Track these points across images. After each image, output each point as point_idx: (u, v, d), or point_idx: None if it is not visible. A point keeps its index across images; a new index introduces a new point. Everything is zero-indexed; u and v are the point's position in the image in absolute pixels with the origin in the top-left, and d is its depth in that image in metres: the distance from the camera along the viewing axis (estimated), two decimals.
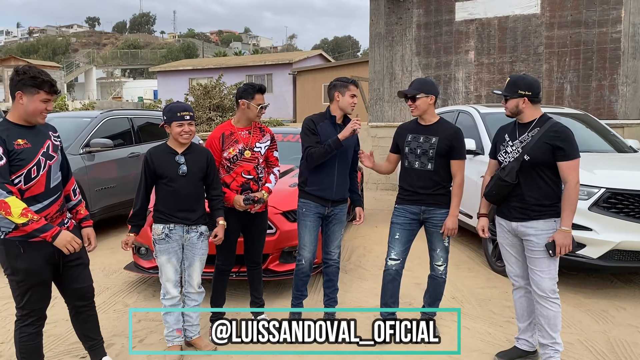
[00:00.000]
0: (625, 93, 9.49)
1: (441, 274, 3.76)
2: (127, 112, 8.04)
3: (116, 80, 49.81)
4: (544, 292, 3.19)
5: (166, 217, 3.42)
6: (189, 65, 32.02)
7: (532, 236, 3.19)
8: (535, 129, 3.20)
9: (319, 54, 33.46)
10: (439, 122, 3.70)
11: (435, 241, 3.71)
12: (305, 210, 3.83)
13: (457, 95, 10.73)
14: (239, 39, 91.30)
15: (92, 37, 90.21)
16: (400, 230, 3.71)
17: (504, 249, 3.46)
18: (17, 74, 2.73)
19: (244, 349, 3.65)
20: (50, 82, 2.77)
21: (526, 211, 3.21)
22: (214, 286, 3.88)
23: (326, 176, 3.77)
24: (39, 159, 2.76)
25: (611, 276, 5.18)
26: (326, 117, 3.82)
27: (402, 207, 3.73)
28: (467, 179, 3.74)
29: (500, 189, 3.28)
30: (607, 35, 9.51)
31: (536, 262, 3.20)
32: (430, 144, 3.59)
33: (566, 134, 3.13)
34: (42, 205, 2.78)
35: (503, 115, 6.40)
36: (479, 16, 10.45)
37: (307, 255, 3.84)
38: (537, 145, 3.15)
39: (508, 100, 3.27)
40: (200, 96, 18.71)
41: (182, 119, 3.35)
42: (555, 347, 3.24)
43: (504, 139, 3.36)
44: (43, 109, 2.76)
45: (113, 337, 3.84)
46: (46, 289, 2.90)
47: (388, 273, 3.74)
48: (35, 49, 68.53)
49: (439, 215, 3.64)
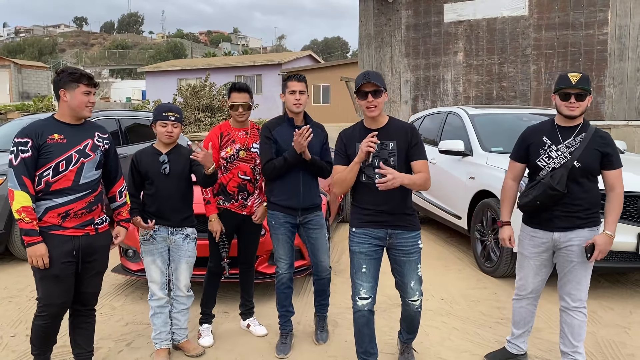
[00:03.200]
0: (612, 94, 9.59)
1: (417, 308, 3.12)
2: (115, 113, 7.98)
3: (104, 81, 49.37)
4: (577, 302, 3.10)
5: (150, 218, 3.40)
6: (177, 66, 31.88)
7: (576, 246, 3.04)
8: (582, 134, 3.04)
9: (308, 55, 33.47)
10: (390, 122, 3.06)
11: (408, 273, 3.04)
12: (274, 223, 3.60)
13: (445, 96, 10.77)
14: (228, 39, 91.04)
15: (80, 37, 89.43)
16: (367, 261, 3.00)
17: (527, 261, 3.23)
18: (57, 75, 2.92)
19: (232, 352, 3.63)
20: (88, 75, 2.93)
21: (572, 219, 3.04)
22: (205, 288, 3.83)
23: (291, 185, 3.54)
24: (70, 154, 2.85)
25: (599, 276, 5.22)
26: (283, 121, 3.62)
27: (363, 232, 3.02)
28: (455, 180, 3.71)
29: (548, 199, 3.02)
30: (594, 37, 9.60)
31: (576, 272, 3.08)
32: (388, 150, 2.97)
33: (612, 140, 3.05)
34: (67, 199, 2.84)
35: (491, 117, 6.41)
36: (467, 18, 10.51)
37: (283, 267, 3.65)
38: (587, 151, 2.99)
39: (585, 98, 3.00)
40: (189, 97, 18.62)
41: (166, 118, 3.37)
42: (576, 356, 3.14)
43: (544, 142, 3.11)
44: (86, 101, 2.90)
45: (100, 340, 3.79)
46: (57, 283, 2.85)
47: (361, 315, 3.02)
48: (21, 49, 67.85)
49: (409, 240, 3.02)
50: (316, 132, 3.56)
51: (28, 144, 2.77)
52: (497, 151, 5.71)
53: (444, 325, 4.07)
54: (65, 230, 2.84)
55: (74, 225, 2.86)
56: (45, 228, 2.81)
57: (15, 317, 4.31)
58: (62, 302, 2.91)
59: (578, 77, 2.97)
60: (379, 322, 3.47)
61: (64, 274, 2.86)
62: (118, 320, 4.22)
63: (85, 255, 2.93)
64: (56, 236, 2.82)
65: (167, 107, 3.43)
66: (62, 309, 2.94)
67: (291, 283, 3.71)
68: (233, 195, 3.70)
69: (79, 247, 2.88)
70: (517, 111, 6.64)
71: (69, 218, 2.85)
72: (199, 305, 3.88)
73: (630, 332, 3.96)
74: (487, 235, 5.39)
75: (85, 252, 2.93)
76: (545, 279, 3.28)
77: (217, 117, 18.16)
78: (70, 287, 2.93)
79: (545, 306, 4.39)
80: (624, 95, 9.52)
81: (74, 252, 2.86)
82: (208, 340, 3.71)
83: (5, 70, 33.94)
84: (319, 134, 3.64)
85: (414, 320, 3.21)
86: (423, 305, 3.49)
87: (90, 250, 2.94)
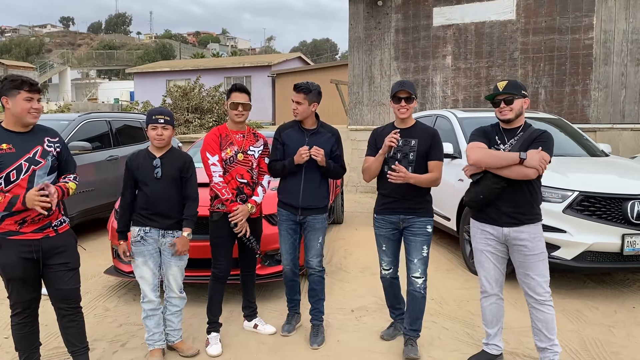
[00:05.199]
0: (597, 98, 9.76)
1: (419, 287, 3.54)
2: (106, 115, 7.96)
3: (91, 82, 49.02)
4: (541, 295, 3.22)
5: (141, 220, 3.45)
6: (166, 67, 31.72)
7: (527, 240, 3.20)
8: (520, 134, 3.26)
9: (298, 57, 33.46)
10: (416, 125, 3.60)
11: (413, 251, 3.53)
12: (279, 219, 3.89)
13: (434, 99, 10.88)
14: (216, 40, 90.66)
15: (67, 37, 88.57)
16: (386, 241, 3.66)
17: (483, 256, 3.40)
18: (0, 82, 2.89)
19: (228, 352, 3.68)
20: (30, 82, 2.91)
21: (519, 216, 3.22)
22: (211, 295, 3.79)
23: (292, 184, 3.78)
24: (20, 163, 2.86)
25: (584, 277, 5.33)
26: (295, 124, 3.86)
27: (382, 217, 3.64)
28: (445, 182, 3.81)
29: (490, 193, 3.23)
30: (580, 41, 9.76)
31: (532, 266, 3.21)
32: (410, 147, 3.50)
33: (546, 137, 3.20)
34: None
35: (479, 120, 6.53)
36: (456, 22, 10.63)
37: (286, 262, 3.90)
38: (522, 148, 3.18)
39: (513, 101, 3.22)
40: (179, 98, 18.55)
41: (155, 121, 3.39)
42: (554, 349, 3.27)
43: (496, 140, 3.33)
44: (29, 107, 2.88)
45: (94, 341, 3.81)
46: (24, 285, 2.99)
47: (384, 280, 3.78)
48: (7, 49, 66.98)
49: (418, 224, 3.52)
50: (326, 137, 3.82)
51: None
52: None
53: (434, 325, 4.14)
54: (23, 235, 2.89)
55: (32, 230, 2.91)
56: (3, 234, 2.87)
57: (8, 319, 4.28)
58: (31, 297, 3.06)
59: (504, 84, 3.26)
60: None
61: (27, 275, 2.96)
62: (111, 322, 4.25)
63: (48, 256, 2.97)
64: (15, 241, 2.88)
65: (157, 111, 3.47)
66: (32, 303, 3.09)
67: (295, 276, 3.97)
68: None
69: (40, 249, 2.93)
70: None
71: (26, 224, 2.89)
72: (205, 313, 3.84)
73: (615, 331, 4.06)
74: None
75: (48, 254, 2.97)
76: (504, 272, 3.40)
77: (207, 118, 18.10)
78: (37, 285, 3.06)
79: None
80: (609, 99, 9.69)
81: (34, 254, 2.91)
82: (216, 349, 3.67)
83: None
84: (328, 139, 3.82)
85: (416, 306, 3.59)
86: None
87: (54, 251, 2.98)
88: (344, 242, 6.76)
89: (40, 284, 3.09)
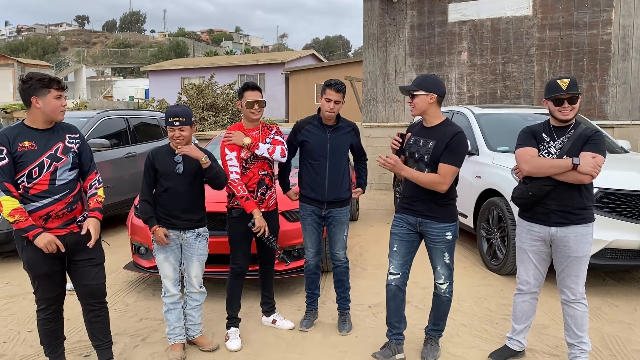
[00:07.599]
0: (615, 94, 9.64)
1: (444, 292, 3.44)
2: (123, 112, 8.06)
3: (106, 80, 49.50)
4: (575, 295, 3.21)
5: (164, 217, 3.46)
6: (180, 65, 31.93)
7: (572, 242, 3.14)
8: (571, 132, 3.20)
9: (311, 54, 33.48)
10: (442, 124, 3.29)
11: (435, 258, 3.39)
12: (303, 214, 3.93)
13: (450, 95, 10.83)
14: (229, 38, 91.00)
15: (82, 35, 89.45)
16: (398, 242, 3.42)
17: (525, 255, 3.34)
18: (24, 82, 2.91)
19: (247, 347, 3.71)
20: (57, 80, 2.96)
21: (569, 215, 3.14)
22: (229, 291, 3.81)
23: (317, 178, 3.81)
24: (42, 160, 2.90)
25: (603, 274, 5.28)
26: (315, 119, 3.90)
27: (401, 217, 3.45)
28: (462, 178, 3.77)
29: (540, 190, 3.15)
30: (598, 37, 9.65)
31: (572, 267, 3.17)
32: (427, 148, 3.25)
33: (598, 136, 3.14)
34: (45, 202, 2.91)
35: (497, 116, 6.46)
36: (471, 17, 10.56)
37: (310, 256, 3.99)
38: (574, 146, 3.12)
39: (577, 101, 3.16)
40: (194, 95, 18.67)
41: (172, 124, 3.38)
42: (582, 346, 3.25)
43: (543, 138, 3.26)
44: (59, 105, 2.94)
45: (115, 335, 3.84)
46: (50, 281, 3.03)
47: (389, 289, 3.46)
48: (24, 48, 67.83)
49: (435, 230, 3.31)
50: (346, 132, 3.91)
51: (3, 152, 2.82)
52: (502, 150, 5.78)
53: (452, 322, 4.13)
54: (48, 230, 2.91)
55: (57, 225, 2.95)
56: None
57: (31, 313, 4.37)
58: (57, 294, 3.11)
59: (567, 83, 3.12)
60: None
61: (52, 270, 3.00)
62: (132, 316, 4.30)
63: (73, 251, 3.02)
64: None
65: (173, 112, 3.40)
66: (57, 299, 3.13)
67: (318, 270, 4.05)
68: (253, 190, 3.72)
69: (65, 244, 2.94)
70: (522, 111, 6.70)
71: (50, 219, 2.93)
72: (224, 308, 3.88)
73: (636, 329, 4.03)
74: (493, 234, 5.46)
75: (73, 249, 3.01)
76: (544, 273, 3.37)
77: (222, 116, 18.22)
78: (62, 281, 3.11)
79: (550, 302, 4.47)
80: (628, 95, 9.57)
81: (58, 250, 2.91)
82: (236, 344, 3.70)
83: (9, 69, 33.97)
84: (349, 133, 3.92)
85: (440, 308, 3.50)
86: None
87: (79, 246, 3.01)
88: (359, 239, 6.76)
89: (65, 280, 3.14)
